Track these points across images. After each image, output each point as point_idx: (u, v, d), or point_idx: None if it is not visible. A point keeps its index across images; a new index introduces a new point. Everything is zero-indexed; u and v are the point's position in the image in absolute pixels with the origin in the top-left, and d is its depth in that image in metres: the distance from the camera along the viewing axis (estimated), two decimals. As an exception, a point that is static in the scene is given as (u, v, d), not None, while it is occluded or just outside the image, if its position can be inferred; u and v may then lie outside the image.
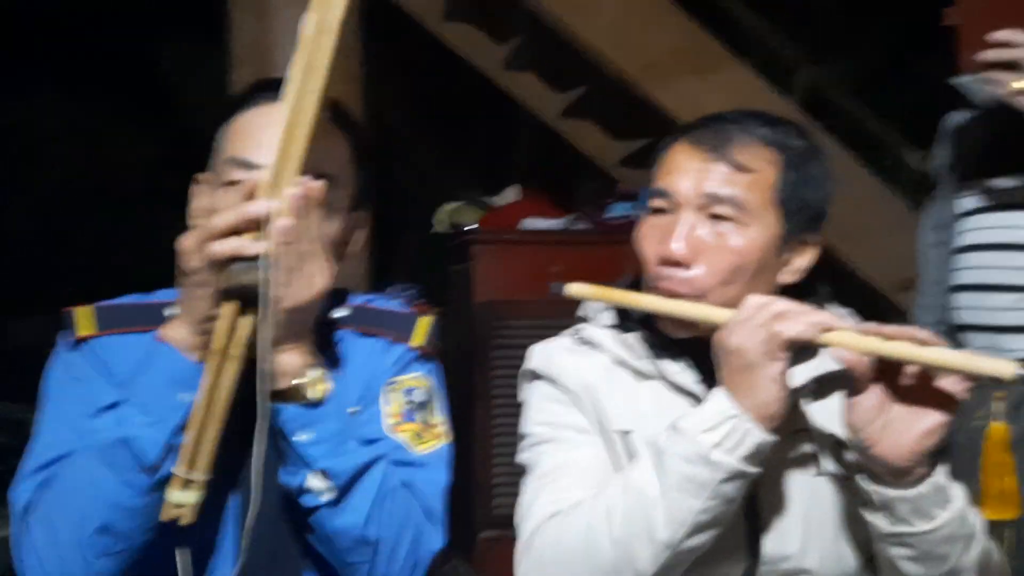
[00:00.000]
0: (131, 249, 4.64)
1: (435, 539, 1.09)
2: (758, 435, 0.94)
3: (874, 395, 0.93)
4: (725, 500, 0.96)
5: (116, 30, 5.24)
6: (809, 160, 1.07)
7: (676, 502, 0.95)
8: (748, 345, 0.94)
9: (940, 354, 0.90)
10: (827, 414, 1.07)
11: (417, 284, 2.76)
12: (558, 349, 1.15)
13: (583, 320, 1.17)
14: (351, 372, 1.11)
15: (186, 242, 0.98)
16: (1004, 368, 0.85)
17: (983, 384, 0.89)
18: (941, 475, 0.95)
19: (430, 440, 1.13)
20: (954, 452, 1.44)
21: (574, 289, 1.08)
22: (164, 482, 0.98)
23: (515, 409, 3.09)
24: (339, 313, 1.16)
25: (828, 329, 0.94)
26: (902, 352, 0.90)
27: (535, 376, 1.16)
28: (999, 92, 1.45)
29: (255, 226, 0.95)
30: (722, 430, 0.94)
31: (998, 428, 0.92)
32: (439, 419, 1.15)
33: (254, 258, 0.95)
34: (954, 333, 1.72)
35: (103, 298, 1.14)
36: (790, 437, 1.06)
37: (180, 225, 1.06)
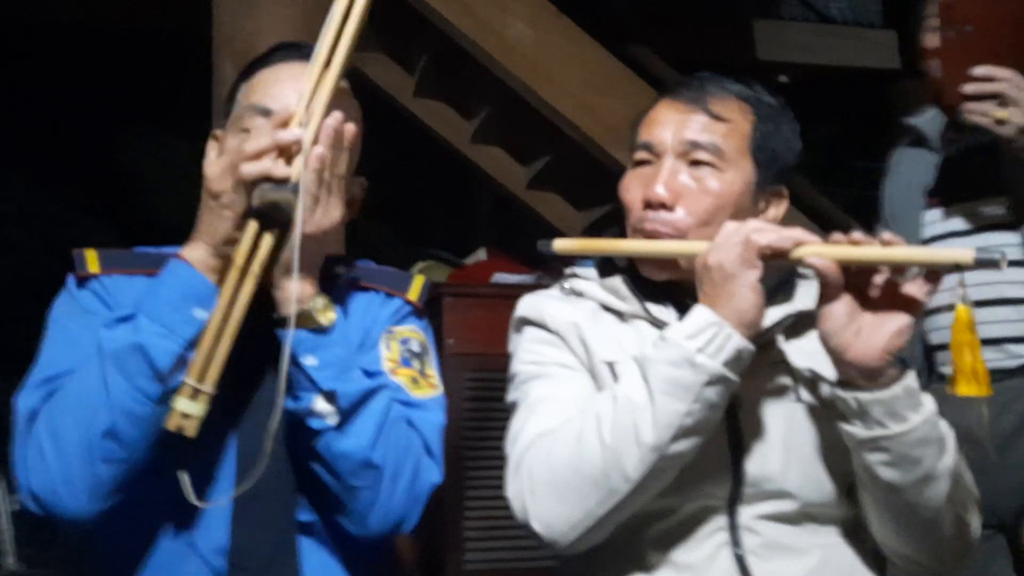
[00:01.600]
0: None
1: (434, 473, 1.13)
2: (738, 340, 1.01)
3: (844, 303, 1.00)
4: (708, 405, 1.01)
5: (81, 117, 5.35)
6: (779, 116, 1.18)
7: (662, 405, 1.00)
8: (727, 258, 1.02)
9: (905, 252, 0.97)
10: (804, 351, 1.13)
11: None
12: (546, 297, 1.22)
13: (571, 276, 1.24)
14: (351, 320, 1.16)
15: (214, 166, 1.04)
16: (963, 254, 0.93)
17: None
18: (911, 380, 1.01)
19: (426, 388, 1.18)
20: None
21: (560, 244, 1.17)
22: (171, 395, 1.01)
23: (486, 462, 3.06)
24: (339, 269, 1.22)
25: (800, 243, 1.02)
26: (871, 254, 0.98)
27: (523, 323, 1.21)
28: (982, 122, 1.61)
29: (285, 153, 1.02)
30: (705, 336, 1.01)
31: (964, 310, 0.98)
32: (433, 371, 1.20)
33: (282, 181, 1.01)
34: (930, 353, 1.79)
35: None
36: (768, 368, 1.12)
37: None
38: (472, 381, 2.92)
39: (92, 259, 1.15)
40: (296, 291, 1.02)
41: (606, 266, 1.22)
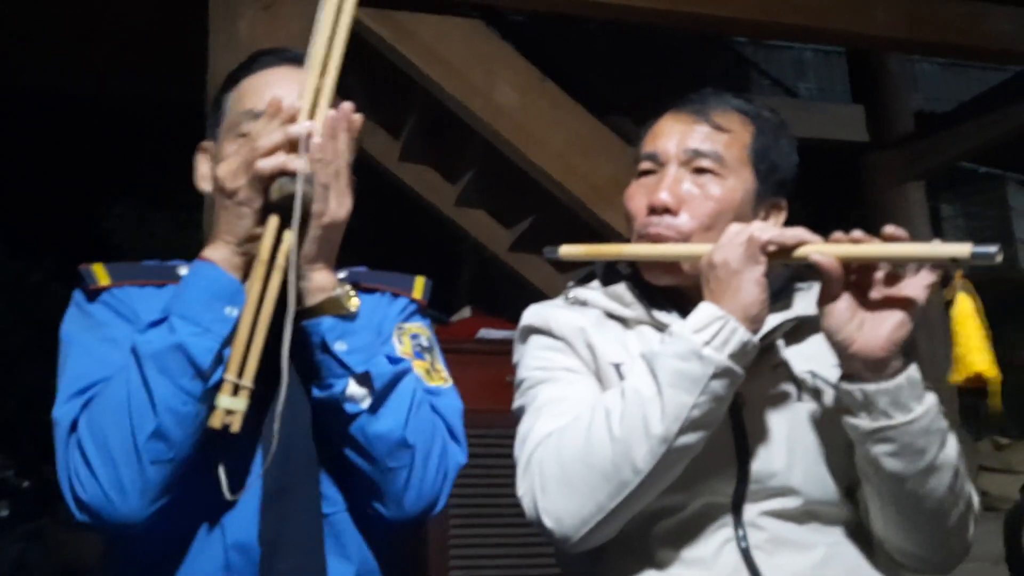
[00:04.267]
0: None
1: (459, 453, 1.15)
2: (743, 334, 1.04)
3: (846, 301, 1.04)
4: (714, 397, 1.03)
5: (62, 185, 5.39)
6: (778, 130, 1.23)
7: (670, 398, 1.02)
8: (732, 256, 1.05)
9: (903, 248, 1.01)
10: (804, 355, 1.17)
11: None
12: (550, 306, 1.25)
13: (575, 287, 1.27)
14: (362, 319, 1.18)
15: (226, 168, 1.06)
16: (961, 249, 0.96)
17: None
18: (915, 371, 1.04)
19: (438, 380, 1.20)
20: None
21: (565, 250, 1.21)
22: (213, 392, 1.02)
23: (473, 519, 3.03)
24: (341, 275, 1.25)
25: (802, 241, 1.05)
26: (870, 251, 1.02)
27: (529, 331, 1.24)
28: None
29: (294, 148, 1.05)
30: (711, 330, 1.04)
31: (965, 299, 1.00)
32: (441, 367, 1.23)
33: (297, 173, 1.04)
34: None
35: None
36: (771, 371, 1.15)
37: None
38: (458, 436, 2.91)
39: (101, 273, 1.16)
40: (297, 275, 1.04)
41: (609, 274, 1.25)
